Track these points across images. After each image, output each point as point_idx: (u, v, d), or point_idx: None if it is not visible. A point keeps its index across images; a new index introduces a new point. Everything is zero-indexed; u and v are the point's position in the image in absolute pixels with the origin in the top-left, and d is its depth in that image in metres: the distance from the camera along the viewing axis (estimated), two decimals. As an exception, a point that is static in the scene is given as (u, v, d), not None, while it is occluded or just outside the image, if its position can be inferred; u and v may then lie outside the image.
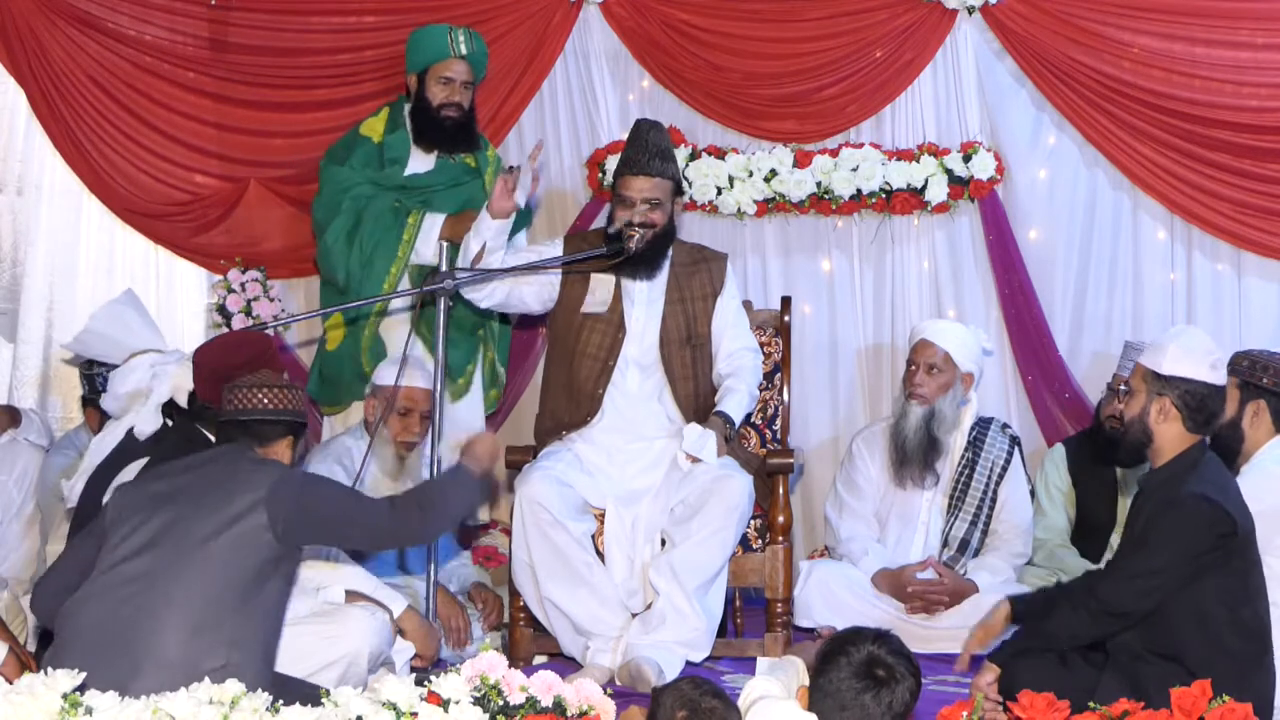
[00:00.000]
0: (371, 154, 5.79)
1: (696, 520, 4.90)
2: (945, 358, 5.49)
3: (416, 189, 5.75)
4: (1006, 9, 6.03)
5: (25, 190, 6.49)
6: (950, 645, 5.22)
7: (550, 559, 4.89)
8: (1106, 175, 6.11)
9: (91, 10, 6.31)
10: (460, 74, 5.74)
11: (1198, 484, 3.99)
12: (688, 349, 5.18)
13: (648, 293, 5.19)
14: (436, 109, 5.72)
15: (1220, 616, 3.97)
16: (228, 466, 3.85)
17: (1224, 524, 3.95)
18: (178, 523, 3.72)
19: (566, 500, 4.95)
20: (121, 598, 3.67)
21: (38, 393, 6.43)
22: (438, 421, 4.86)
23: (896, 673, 3.30)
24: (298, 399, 4.02)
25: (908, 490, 5.54)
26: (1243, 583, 4.02)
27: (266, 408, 3.95)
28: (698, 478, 4.97)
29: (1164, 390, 4.05)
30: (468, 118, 5.78)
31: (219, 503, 3.73)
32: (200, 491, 3.77)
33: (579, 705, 3.53)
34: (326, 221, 5.77)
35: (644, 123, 5.24)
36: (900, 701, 3.29)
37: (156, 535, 3.72)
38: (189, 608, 3.64)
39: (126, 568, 3.70)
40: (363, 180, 5.73)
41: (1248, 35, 5.93)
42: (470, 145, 5.82)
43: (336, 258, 5.69)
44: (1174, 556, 3.94)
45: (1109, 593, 4.01)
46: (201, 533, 3.70)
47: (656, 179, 5.09)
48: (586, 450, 5.12)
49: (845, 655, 3.32)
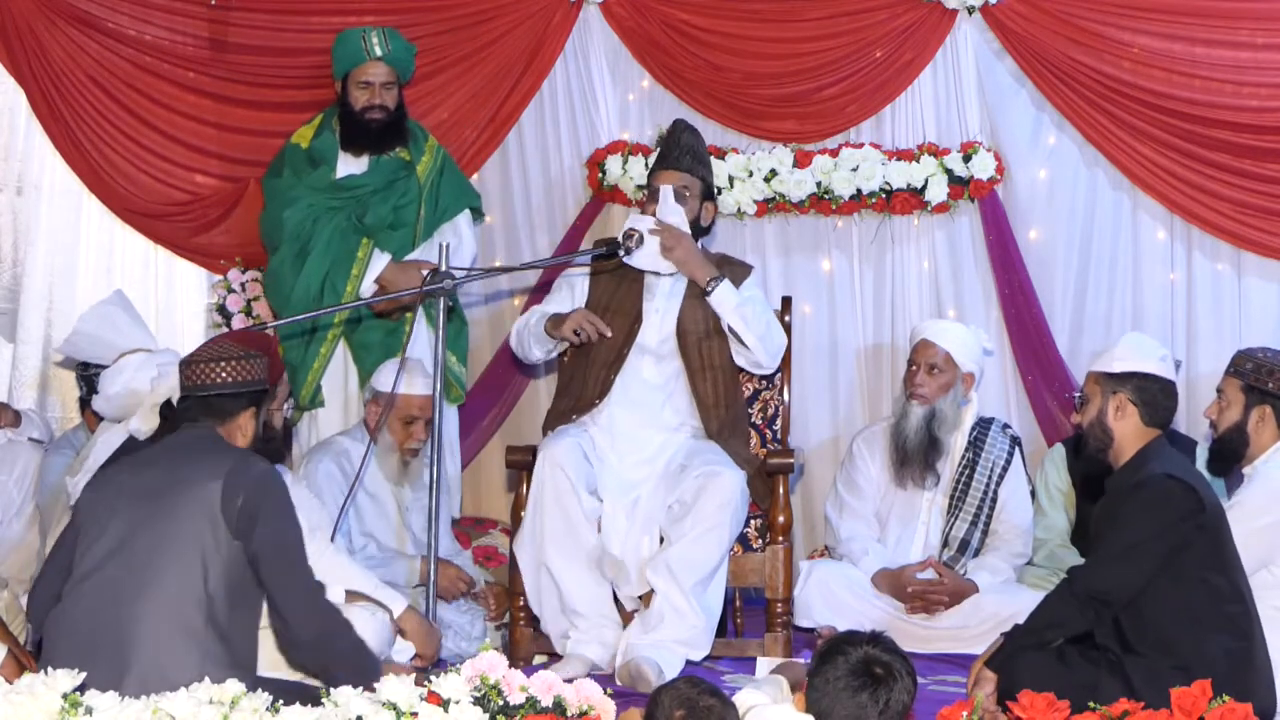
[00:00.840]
0: (301, 160, 5.81)
1: (690, 518, 4.91)
2: (946, 358, 5.49)
3: (351, 189, 5.76)
4: (1006, 9, 6.03)
5: (25, 190, 6.49)
6: (950, 645, 5.24)
7: (559, 525, 4.92)
8: (1106, 175, 6.11)
9: (91, 10, 6.31)
10: (379, 76, 5.74)
11: (1160, 466, 4.06)
12: (708, 341, 5.20)
13: (669, 288, 5.23)
14: (360, 113, 5.73)
15: (1199, 601, 3.99)
16: (188, 459, 3.78)
17: (1191, 500, 4.01)
18: (142, 525, 3.69)
19: (585, 475, 5.00)
20: (95, 607, 3.66)
21: (37, 393, 6.43)
22: (438, 423, 4.85)
23: (894, 671, 3.31)
24: (258, 367, 3.92)
25: (908, 490, 5.54)
26: (1217, 557, 4.05)
27: (226, 381, 3.86)
28: (691, 475, 4.99)
29: (1118, 388, 4.17)
30: (394, 116, 5.78)
31: (178, 503, 3.69)
32: (162, 488, 3.73)
33: (579, 705, 3.53)
34: (270, 241, 5.80)
35: (680, 122, 5.39)
36: (898, 701, 3.30)
37: (124, 539, 3.69)
38: (161, 612, 3.62)
39: (99, 575, 3.69)
40: (298, 186, 5.73)
41: (1248, 35, 5.92)
42: (399, 142, 5.81)
43: (282, 282, 5.70)
44: (1147, 532, 3.99)
45: (1090, 577, 4.05)
46: (165, 534, 3.67)
47: (685, 174, 5.21)
48: (596, 434, 5.15)
49: (842, 655, 3.33)
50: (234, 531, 3.68)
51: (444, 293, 4.88)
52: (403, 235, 5.76)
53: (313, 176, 5.76)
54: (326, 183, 5.76)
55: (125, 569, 3.67)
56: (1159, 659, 3.95)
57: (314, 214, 5.71)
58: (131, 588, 3.65)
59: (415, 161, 5.83)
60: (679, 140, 5.28)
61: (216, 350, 3.93)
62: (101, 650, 3.60)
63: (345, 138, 5.78)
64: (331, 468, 5.21)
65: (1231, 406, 4.67)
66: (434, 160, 5.86)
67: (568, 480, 4.91)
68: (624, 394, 5.18)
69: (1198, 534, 4.00)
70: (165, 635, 3.61)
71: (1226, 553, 4.09)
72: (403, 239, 5.75)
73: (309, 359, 5.73)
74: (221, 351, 3.92)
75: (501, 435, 6.35)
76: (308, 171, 5.78)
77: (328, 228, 5.70)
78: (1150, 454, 4.12)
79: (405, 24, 6.11)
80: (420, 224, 5.78)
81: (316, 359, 5.74)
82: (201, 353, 3.94)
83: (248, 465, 3.77)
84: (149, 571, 3.65)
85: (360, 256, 5.68)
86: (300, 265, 5.67)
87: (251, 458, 3.83)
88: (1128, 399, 4.15)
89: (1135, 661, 3.98)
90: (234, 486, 3.69)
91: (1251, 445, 4.63)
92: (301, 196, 5.73)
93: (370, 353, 5.68)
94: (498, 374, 6.33)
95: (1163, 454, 4.14)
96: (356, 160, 5.80)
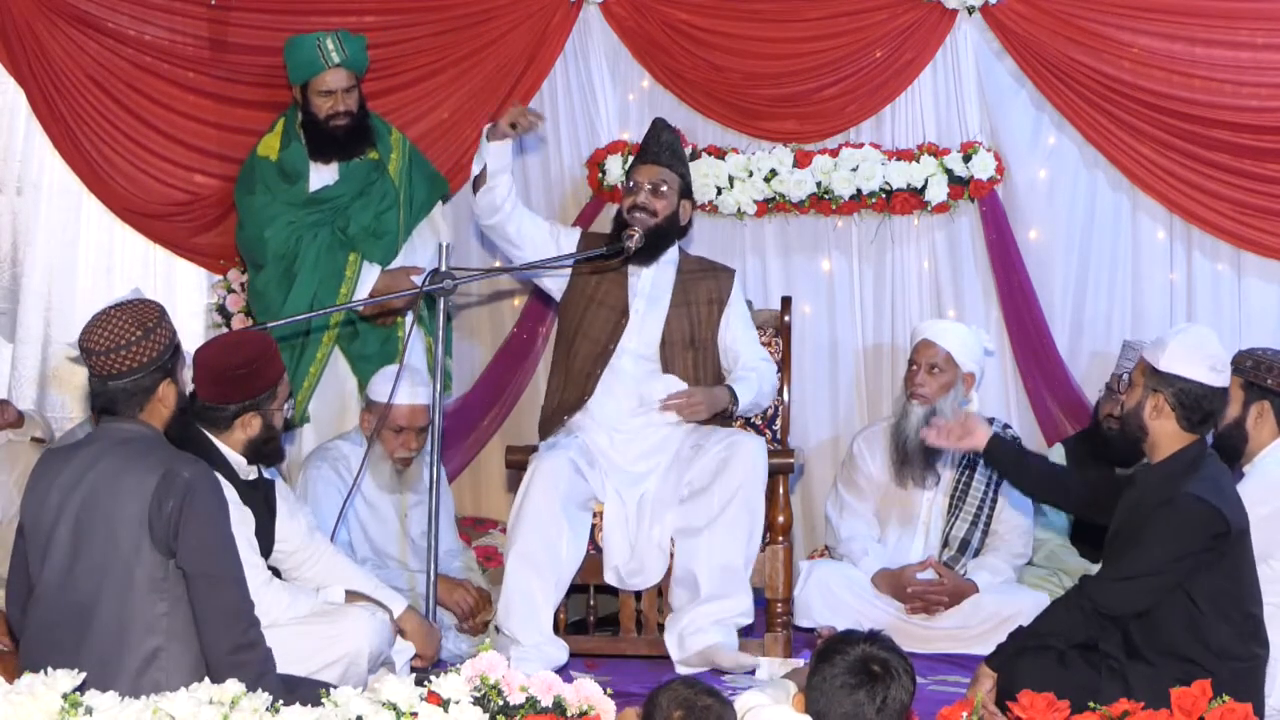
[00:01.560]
0: (273, 174, 5.77)
1: (718, 491, 4.98)
2: (947, 358, 5.48)
3: (327, 201, 5.74)
4: (1006, 9, 6.03)
5: (25, 190, 6.49)
6: (950, 645, 5.24)
7: (534, 546, 4.92)
8: (1106, 175, 6.11)
9: (91, 10, 6.31)
10: (339, 82, 5.69)
11: (1194, 484, 3.98)
12: (691, 351, 5.21)
13: (651, 289, 5.23)
14: (325, 121, 5.71)
15: (1211, 616, 3.98)
16: (120, 458, 3.72)
17: (1218, 524, 3.94)
18: (84, 524, 3.69)
19: (576, 491, 5.01)
20: (51, 620, 3.69)
21: (36, 392, 6.43)
22: (438, 423, 4.85)
23: (892, 669, 3.30)
24: (160, 337, 3.76)
25: (908, 490, 5.54)
26: (1236, 582, 4.02)
27: (132, 368, 3.73)
28: (708, 454, 5.04)
29: (1159, 386, 4.04)
30: (358, 120, 5.75)
31: (116, 502, 3.67)
32: (100, 488, 3.70)
33: (579, 705, 3.53)
34: (252, 258, 5.79)
35: (660, 121, 5.44)
36: (896, 699, 3.28)
37: (72, 540, 3.69)
38: (111, 610, 3.64)
39: (51, 578, 3.70)
40: (274, 203, 5.70)
41: (1248, 35, 5.92)
42: (366, 143, 5.79)
43: (270, 301, 5.68)
44: (1167, 557, 3.94)
45: (1102, 593, 4.01)
46: (107, 533, 3.66)
47: (665, 169, 5.25)
48: (590, 433, 5.16)
49: (840, 654, 3.32)
50: (158, 545, 3.66)
51: (445, 293, 4.88)
52: (387, 243, 5.75)
53: (289, 193, 5.73)
54: (303, 198, 5.74)
55: (68, 579, 3.69)
56: (1163, 667, 3.93)
57: (296, 232, 5.69)
58: (81, 590, 3.67)
59: (385, 160, 5.81)
60: (659, 137, 5.34)
61: (114, 333, 3.73)
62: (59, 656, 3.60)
63: (313, 147, 5.75)
64: (329, 474, 5.20)
65: (1231, 403, 4.66)
66: (402, 156, 5.84)
67: (555, 505, 4.94)
68: (611, 390, 5.20)
69: (1218, 559, 3.97)
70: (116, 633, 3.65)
71: (1244, 572, 4.04)
72: (388, 246, 5.75)
73: (297, 379, 5.68)
74: (118, 338, 3.72)
75: (501, 435, 6.35)
76: (282, 187, 5.74)
77: (313, 246, 5.68)
78: (1186, 462, 4.03)
79: (405, 24, 6.12)
80: (402, 228, 5.79)
81: (306, 379, 5.71)
82: (99, 339, 3.72)
83: (174, 477, 3.67)
84: (92, 574, 3.67)
85: (349, 274, 5.66)
86: (288, 285, 5.66)
87: (178, 465, 3.71)
88: (1166, 401, 4.03)
89: (1138, 668, 3.97)
90: (161, 498, 3.65)
91: (1250, 442, 4.63)
92: (280, 214, 5.70)
93: (369, 363, 5.66)
94: (498, 374, 6.33)
95: (1199, 465, 4.04)
96: (328, 168, 5.77)
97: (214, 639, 3.67)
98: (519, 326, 6.36)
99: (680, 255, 5.36)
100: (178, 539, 3.65)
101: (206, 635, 3.68)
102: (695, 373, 5.22)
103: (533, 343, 6.35)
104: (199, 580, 3.67)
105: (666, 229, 5.22)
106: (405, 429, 5.23)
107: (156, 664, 3.64)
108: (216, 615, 3.68)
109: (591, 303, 5.25)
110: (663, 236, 5.22)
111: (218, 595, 3.69)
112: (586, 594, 5.33)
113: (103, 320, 3.77)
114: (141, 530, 3.64)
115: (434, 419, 4.82)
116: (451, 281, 4.87)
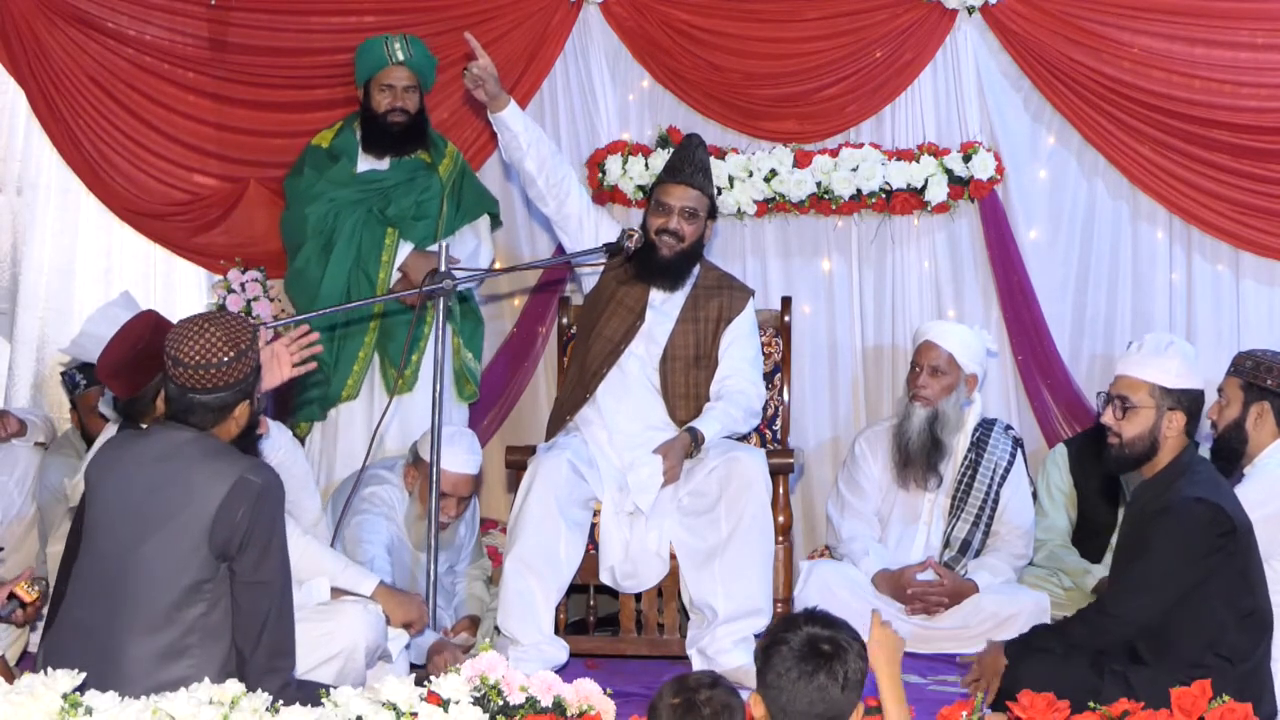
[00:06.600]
0: (321, 157, 5.85)
1: (723, 511, 4.94)
2: (949, 359, 5.48)
3: (372, 182, 5.79)
4: (1006, 9, 6.03)
5: (25, 190, 6.49)
6: (950, 645, 5.24)
7: (533, 547, 4.90)
8: (1106, 176, 6.11)
9: (91, 10, 6.31)
10: (401, 80, 5.77)
11: (1190, 487, 4.00)
12: (695, 370, 5.21)
13: (662, 303, 5.25)
14: (383, 115, 5.77)
15: (1225, 618, 3.98)
16: (192, 458, 3.69)
17: (1222, 523, 3.96)
18: (146, 513, 3.66)
19: (575, 491, 5.00)
20: (87, 623, 3.67)
21: (32, 392, 6.43)
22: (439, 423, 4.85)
23: (840, 643, 3.12)
24: (249, 361, 3.71)
25: (910, 491, 5.53)
26: (1244, 580, 4.03)
27: (217, 387, 3.68)
28: (707, 468, 5.02)
29: (1175, 405, 4.11)
30: (415, 120, 5.82)
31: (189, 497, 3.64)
32: (169, 481, 3.67)
33: (579, 705, 3.53)
34: (293, 241, 5.81)
35: (694, 137, 5.36)
36: (856, 670, 3.11)
37: (133, 524, 3.67)
38: (148, 618, 3.62)
39: (106, 548, 3.69)
40: (319, 182, 5.75)
41: (1247, 35, 5.92)
42: (419, 145, 5.85)
43: (309, 277, 5.72)
44: (1177, 562, 3.95)
45: (1117, 605, 4.04)
46: (167, 526, 3.64)
47: (697, 192, 5.20)
48: (591, 429, 5.17)
49: (784, 644, 3.12)
50: (215, 548, 3.63)
51: (444, 293, 4.88)
52: (426, 226, 5.79)
53: (333, 171, 5.80)
54: (347, 176, 5.80)
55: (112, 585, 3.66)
56: (1167, 670, 3.93)
57: (336, 208, 5.75)
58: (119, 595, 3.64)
59: (436, 163, 5.87)
60: (693, 156, 5.24)
61: (206, 349, 3.67)
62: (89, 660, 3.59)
63: (367, 140, 5.82)
64: (383, 522, 5.10)
65: (1231, 404, 4.68)
66: (454, 165, 5.90)
67: (554, 505, 4.93)
68: (616, 387, 5.20)
69: (1226, 560, 3.98)
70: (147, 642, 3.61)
71: (1253, 572, 4.06)
72: (426, 229, 5.78)
73: (346, 356, 5.72)
74: (211, 352, 3.67)
75: (501, 435, 6.35)
76: (328, 167, 5.81)
77: (350, 219, 5.73)
78: (1181, 466, 4.09)
79: (405, 24, 6.11)
80: (443, 219, 5.80)
81: (361, 351, 5.73)
82: (189, 351, 3.67)
83: (248, 484, 3.65)
84: (135, 579, 3.64)
85: (388, 243, 5.72)
86: (326, 258, 5.71)
87: (252, 472, 3.69)
88: (1181, 414, 4.12)
89: (1141, 671, 3.97)
90: (234, 503, 3.63)
91: (1250, 443, 4.64)
92: (323, 192, 5.77)
93: (392, 340, 5.73)
94: (498, 374, 6.33)
95: (1193, 467, 4.10)
96: (378, 160, 5.84)
97: (254, 644, 3.65)
98: (519, 326, 6.36)
99: (700, 269, 5.34)
100: (241, 545, 3.63)
101: (247, 640, 3.66)
102: (695, 391, 5.21)
103: (533, 343, 6.35)
104: (254, 587, 3.66)
105: (692, 252, 5.23)
106: (448, 496, 5.07)
107: (185, 660, 3.62)
108: (262, 622, 3.66)
109: (611, 301, 5.27)
110: (688, 259, 5.23)
111: (269, 602, 3.68)
112: (586, 594, 5.33)
113: (196, 332, 3.69)
114: (203, 532, 3.61)
115: (434, 419, 4.83)
116: (451, 282, 4.88)
